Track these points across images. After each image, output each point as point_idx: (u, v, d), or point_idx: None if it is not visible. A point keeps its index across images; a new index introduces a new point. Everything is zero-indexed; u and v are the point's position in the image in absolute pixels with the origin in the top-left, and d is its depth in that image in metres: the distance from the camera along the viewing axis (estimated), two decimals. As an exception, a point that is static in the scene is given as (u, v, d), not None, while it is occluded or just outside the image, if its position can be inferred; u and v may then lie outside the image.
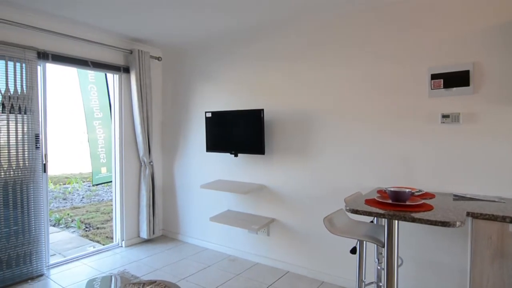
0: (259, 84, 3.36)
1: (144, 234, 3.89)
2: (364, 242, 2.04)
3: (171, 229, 4.20)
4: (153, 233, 3.96)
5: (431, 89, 2.43)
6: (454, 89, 2.34)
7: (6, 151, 2.82)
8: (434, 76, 2.41)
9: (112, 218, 4.24)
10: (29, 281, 2.93)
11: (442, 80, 2.38)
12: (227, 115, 3.39)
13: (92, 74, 4.64)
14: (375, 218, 2.28)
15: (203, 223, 3.84)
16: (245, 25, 3.22)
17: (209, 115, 3.50)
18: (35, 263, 3.00)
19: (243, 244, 3.50)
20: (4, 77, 2.79)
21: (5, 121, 2.81)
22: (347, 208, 1.85)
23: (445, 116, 2.38)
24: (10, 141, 2.84)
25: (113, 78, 3.85)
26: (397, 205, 1.83)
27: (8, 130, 2.83)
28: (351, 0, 2.57)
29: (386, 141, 2.65)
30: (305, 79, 3.05)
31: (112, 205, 3.98)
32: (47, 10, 2.86)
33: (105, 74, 4.46)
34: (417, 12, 2.50)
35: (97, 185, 5.62)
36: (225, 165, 3.63)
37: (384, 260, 1.84)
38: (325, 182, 2.96)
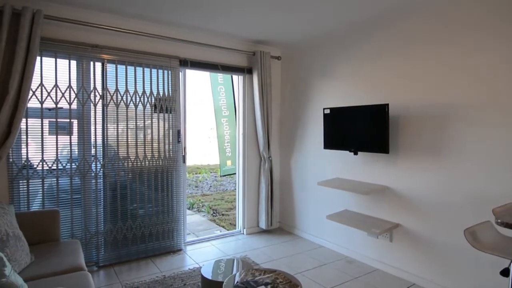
0: (379, 78, 3.11)
1: (263, 225, 4.14)
2: (521, 264, 1.67)
3: (287, 222, 4.34)
4: (271, 224, 4.16)
5: None
6: None
7: (157, 144, 3.41)
8: None
9: (235, 207, 4.65)
10: (171, 253, 3.48)
11: None
12: (347, 111, 3.27)
13: (221, 76, 5.19)
14: (538, 236, 1.84)
15: (319, 220, 3.82)
16: (361, 18, 3.03)
17: (327, 111, 3.45)
18: (175, 239, 3.55)
19: (361, 247, 3.33)
20: (156, 83, 3.37)
21: (156, 119, 3.39)
22: (498, 220, 1.54)
23: None
24: (160, 136, 3.42)
25: (238, 79, 4.20)
26: None
27: (158, 127, 3.41)
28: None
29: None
30: (436, 68, 2.67)
31: (235, 195, 4.36)
32: (189, 23, 3.31)
33: (231, 76, 4.90)
34: None
35: (223, 176, 6.27)
36: (343, 163, 3.51)
37: (552, 290, 1.47)
38: (463, 188, 2.54)
